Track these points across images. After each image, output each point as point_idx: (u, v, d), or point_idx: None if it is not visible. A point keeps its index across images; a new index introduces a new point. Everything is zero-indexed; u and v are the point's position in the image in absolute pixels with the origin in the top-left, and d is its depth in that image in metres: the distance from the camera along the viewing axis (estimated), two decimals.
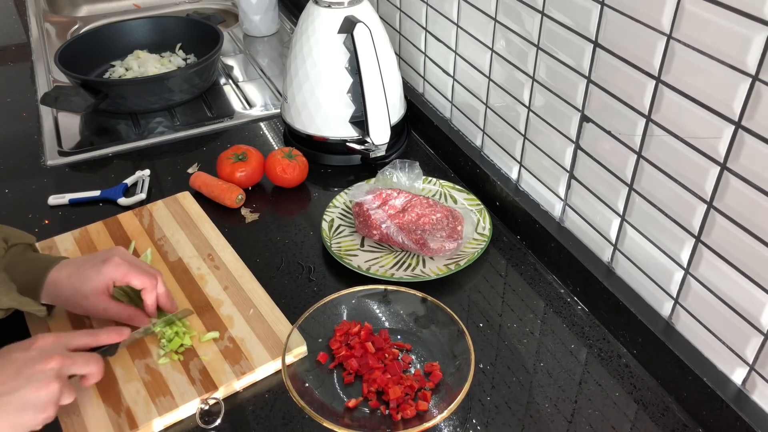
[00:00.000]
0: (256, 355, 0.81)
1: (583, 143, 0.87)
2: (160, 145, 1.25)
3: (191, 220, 1.03)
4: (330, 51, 1.11)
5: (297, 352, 0.81)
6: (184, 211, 1.04)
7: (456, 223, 0.98)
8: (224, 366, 0.80)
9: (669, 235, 0.77)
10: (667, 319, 0.81)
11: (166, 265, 0.95)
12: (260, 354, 0.82)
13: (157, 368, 0.80)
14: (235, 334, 0.84)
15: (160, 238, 0.99)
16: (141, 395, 0.77)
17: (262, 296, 0.90)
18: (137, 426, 0.73)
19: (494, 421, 0.76)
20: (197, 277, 0.93)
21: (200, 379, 0.79)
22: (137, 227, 1.01)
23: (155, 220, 1.03)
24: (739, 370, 0.72)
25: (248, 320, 0.86)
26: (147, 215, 1.04)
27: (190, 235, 1.00)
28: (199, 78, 1.37)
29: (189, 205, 1.06)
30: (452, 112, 1.19)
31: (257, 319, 0.86)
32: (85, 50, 1.41)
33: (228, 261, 0.95)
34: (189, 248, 0.97)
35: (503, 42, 0.98)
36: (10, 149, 1.24)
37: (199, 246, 0.98)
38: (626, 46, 0.75)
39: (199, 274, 0.93)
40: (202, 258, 0.96)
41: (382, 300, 0.88)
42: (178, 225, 1.02)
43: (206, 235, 1.00)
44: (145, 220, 1.03)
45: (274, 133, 1.30)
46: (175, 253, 0.97)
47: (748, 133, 0.63)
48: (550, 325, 0.88)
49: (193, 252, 0.97)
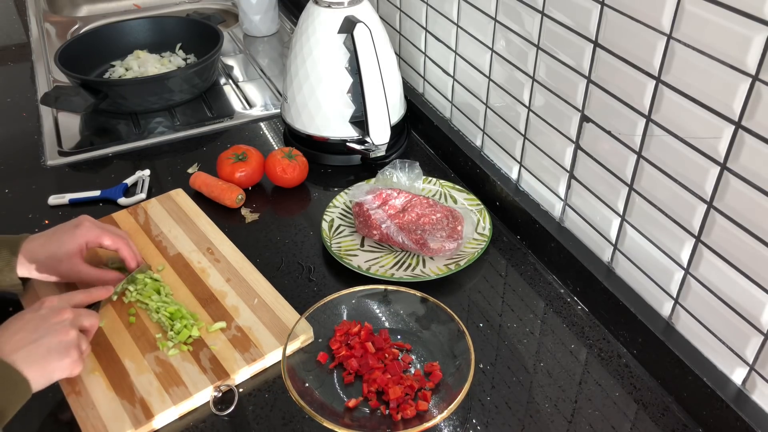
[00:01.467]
0: (264, 342, 0.82)
1: (583, 143, 0.87)
2: (160, 145, 1.25)
3: (187, 215, 1.03)
4: (330, 51, 1.11)
5: (304, 338, 0.82)
6: (179, 207, 1.05)
7: (456, 223, 0.98)
8: (234, 354, 0.81)
9: (669, 235, 0.77)
10: (667, 319, 0.81)
11: (167, 260, 0.95)
12: (268, 341, 0.83)
13: (167, 360, 0.81)
14: (242, 324, 0.85)
15: (158, 234, 1.00)
16: (154, 386, 0.77)
17: (265, 286, 0.91)
18: (153, 415, 0.74)
19: (494, 421, 0.76)
20: (199, 271, 0.93)
21: (211, 368, 0.79)
22: (133, 225, 1.02)
23: (150, 218, 1.03)
24: (739, 370, 0.72)
25: (254, 309, 0.87)
26: (142, 213, 1.04)
27: (188, 230, 1.00)
28: (199, 78, 1.37)
29: (183, 202, 1.06)
30: (452, 112, 1.19)
31: (262, 308, 0.87)
32: (85, 50, 1.41)
33: (228, 254, 0.96)
34: (188, 243, 0.98)
35: (503, 42, 0.98)
36: (10, 149, 1.24)
37: (198, 241, 0.98)
38: (626, 46, 0.75)
39: (201, 267, 0.94)
40: (202, 252, 0.96)
41: (382, 300, 0.88)
42: (174, 221, 1.02)
43: (203, 230, 1.00)
44: (141, 217, 1.03)
45: (274, 133, 1.30)
46: (174, 248, 0.97)
47: (748, 133, 0.63)
48: (550, 325, 0.88)
49: (192, 246, 0.97)
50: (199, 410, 0.78)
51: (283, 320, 0.85)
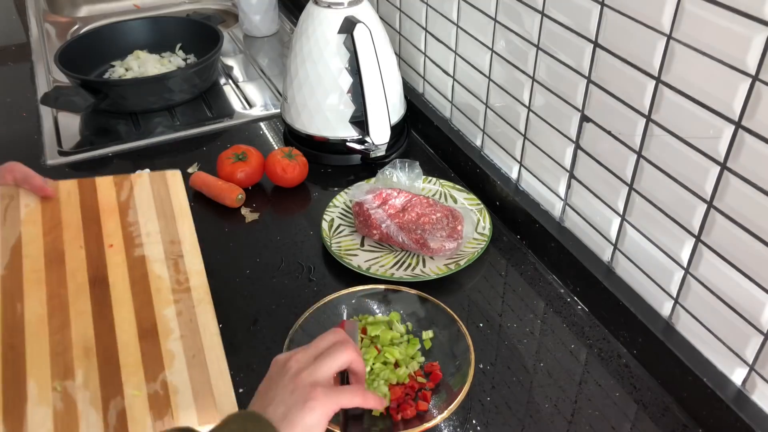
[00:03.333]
0: (183, 416, 0.69)
1: (583, 143, 0.87)
2: (160, 145, 1.25)
3: (172, 210, 0.91)
4: (330, 51, 1.11)
5: None
6: (168, 196, 0.93)
7: (456, 223, 0.98)
8: (146, 419, 0.68)
9: (669, 235, 0.77)
10: (667, 319, 0.81)
11: (127, 260, 0.84)
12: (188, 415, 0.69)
13: (73, 395, 0.68)
14: (170, 379, 0.72)
15: (133, 223, 0.88)
16: (45, 428, 0.66)
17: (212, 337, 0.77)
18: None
19: (494, 421, 0.76)
20: (154, 291, 0.81)
21: (115, 426, 0.67)
22: (111, 200, 0.91)
23: (133, 197, 0.92)
24: (739, 370, 0.72)
25: (189, 365, 0.73)
26: (127, 188, 0.93)
27: (164, 229, 0.88)
28: (199, 78, 1.37)
29: (175, 191, 0.94)
30: (452, 112, 1.19)
31: (199, 367, 0.73)
32: (85, 50, 1.41)
33: (193, 274, 0.84)
34: (158, 249, 0.86)
35: (503, 42, 0.98)
36: (10, 149, 1.24)
37: (169, 249, 0.87)
38: (626, 46, 0.75)
39: (157, 287, 0.82)
40: (167, 264, 0.84)
41: (382, 300, 0.88)
42: (156, 213, 0.90)
43: (181, 236, 0.88)
44: (124, 192, 0.92)
45: (274, 133, 1.30)
46: (141, 249, 0.86)
47: (748, 133, 0.63)
48: (550, 325, 0.88)
49: (161, 254, 0.86)
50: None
51: (214, 393, 0.71)
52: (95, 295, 0.80)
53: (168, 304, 0.80)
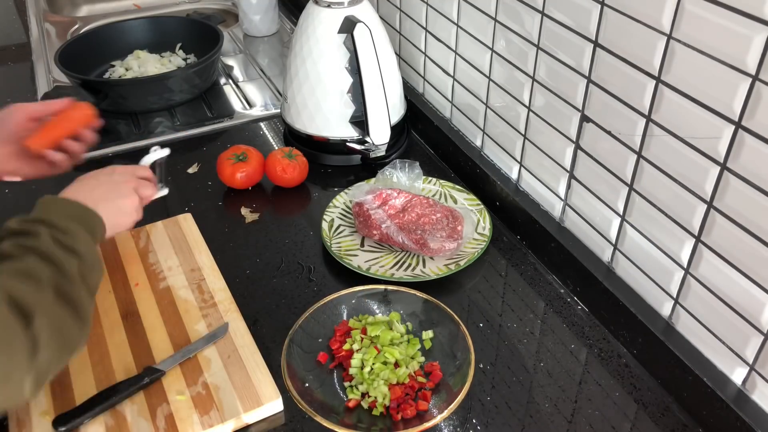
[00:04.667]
0: (227, 408, 0.75)
1: (583, 143, 0.87)
2: (160, 145, 1.25)
3: (187, 244, 0.98)
4: (330, 51, 1.11)
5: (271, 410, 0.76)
6: (183, 234, 1.00)
7: (456, 223, 0.98)
8: (193, 416, 0.74)
9: (669, 235, 0.77)
10: (667, 319, 0.81)
11: (154, 294, 0.90)
12: (232, 406, 0.75)
13: (122, 412, 0.74)
14: (210, 380, 0.78)
15: (154, 263, 0.95)
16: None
17: (245, 338, 0.84)
18: None
19: (494, 421, 0.76)
20: (183, 312, 0.87)
21: (165, 429, 0.73)
22: (132, 250, 0.97)
23: (152, 242, 0.98)
24: (739, 370, 0.72)
25: (226, 365, 0.80)
26: (144, 237, 0.99)
27: (184, 261, 0.95)
28: (199, 78, 1.37)
29: (188, 228, 1.01)
30: (452, 112, 1.19)
31: (236, 364, 0.80)
32: (85, 50, 1.41)
33: (217, 291, 0.90)
34: (180, 278, 0.92)
35: (503, 42, 0.98)
36: None
37: (191, 276, 0.92)
38: (626, 46, 0.75)
39: (185, 308, 0.88)
40: (191, 288, 0.90)
41: (382, 300, 0.88)
42: (174, 249, 0.97)
43: (199, 263, 0.94)
44: (142, 241, 0.99)
45: (274, 133, 1.30)
46: (165, 281, 0.92)
47: (748, 133, 0.63)
48: (550, 325, 0.88)
49: (184, 281, 0.92)
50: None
51: (254, 382, 0.78)
52: (129, 327, 0.85)
53: (198, 320, 0.86)
